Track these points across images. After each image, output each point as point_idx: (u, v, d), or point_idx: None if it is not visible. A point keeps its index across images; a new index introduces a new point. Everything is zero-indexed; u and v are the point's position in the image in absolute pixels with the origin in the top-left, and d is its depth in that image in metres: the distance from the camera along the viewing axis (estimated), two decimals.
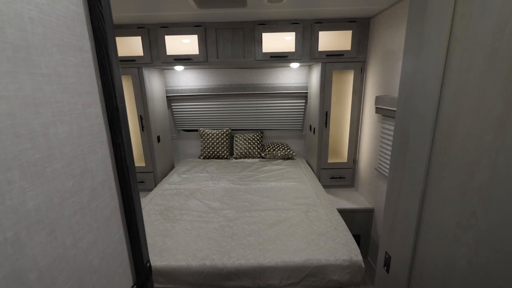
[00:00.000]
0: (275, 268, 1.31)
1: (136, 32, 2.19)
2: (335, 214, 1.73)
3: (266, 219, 1.69)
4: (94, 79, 0.55)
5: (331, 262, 1.32)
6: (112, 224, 0.59)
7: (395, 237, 0.66)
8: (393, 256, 0.68)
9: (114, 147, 0.61)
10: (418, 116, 0.56)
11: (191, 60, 2.26)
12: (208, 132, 2.98)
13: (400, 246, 0.64)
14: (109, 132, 0.60)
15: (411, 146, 0.59)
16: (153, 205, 1.93)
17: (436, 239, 0.53)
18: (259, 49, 2.23)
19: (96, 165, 0.54)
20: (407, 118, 0.61)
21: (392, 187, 0.69)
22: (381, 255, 0.74)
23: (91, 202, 0.52)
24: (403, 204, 0.62)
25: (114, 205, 0.61)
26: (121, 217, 0.64)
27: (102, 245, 0.56)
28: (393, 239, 0.67)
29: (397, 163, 0.65)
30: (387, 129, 1.86)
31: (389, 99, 1.78)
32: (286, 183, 2.25)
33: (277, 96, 2.91)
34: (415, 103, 0.57)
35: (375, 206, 2.14)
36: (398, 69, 1.75)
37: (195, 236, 1.53)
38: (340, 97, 2.55)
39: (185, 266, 1.31)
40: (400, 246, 0.64)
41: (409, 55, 0.63)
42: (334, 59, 2.24)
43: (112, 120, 0.60)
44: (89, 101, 0.53)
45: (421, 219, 0.56)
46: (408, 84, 0.61)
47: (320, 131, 2.42)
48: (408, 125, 0.60)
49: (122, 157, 0.62)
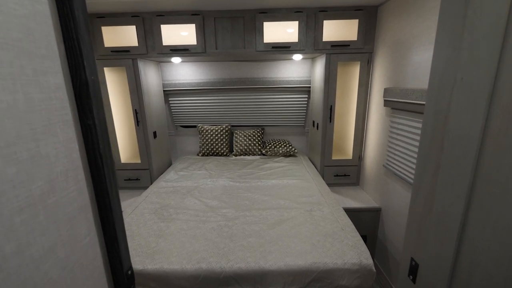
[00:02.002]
0: (277, 272, 1.20)
1: (131, 21, 2.07)
2: (341, 214, 1.62)
3: (268, 218, 1.58)
4: (54, 40, 0.43)
5: (339, 265, 1.21)
6: (79, 225, 0.48)
7: (426, 242, 0.55)
8: (422, 263, 0.57)
9: (83, 130, 0.50)
10: (463, 90, 0.44)
11: (188, 51, 2.14)
12: (207, 128, 2.87)
13: (433, 252, 0.53)
14: (75, 110, 0.49)
15: (452, 132, 0.47)
16: (148, 204, 1.82)
17: (492, 246, 0.41)
18: (260, 39, 2.11)
19: (55, 150, 0.43)
20: (442, 98, 0.50)
21: (420, 183, 0.57)
22: (405, 262, 0.63)
23: (46, 197, 0.41)
24: (440, 202, 0.51)
25: (83, 201, 0.49)
26: (93, 216, 0.52)
27: (64, 252, 0.44)
28: (422, 244, 0.56)
29: (427, 156, 0.54)
30: (397, 122, 1.74)
31: (399, 90, 1.66)
32: (288, 180, 2.14)
33: (279, 91, 2.79)
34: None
35: (383, 205, 2.02)
36: (409, 59, 1.64)
37: (191, 236, 1.42)
38: (345, 91, 2.43)
39: (179, 269, 1.20)
40: (433, 253, 0.53)
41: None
42: (340, 50, 2.12)
43: (80, 96, 0.49)
44: (44, 67, 0.41)
45: (467, 221, 0.45)
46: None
47: (324, 126, 2.31)
48: (448, 108, 0.48)
49: (94, 142, 0.51)
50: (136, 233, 1.47)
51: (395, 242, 1.85)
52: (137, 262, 1.23)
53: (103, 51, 2.12)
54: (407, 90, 1.57)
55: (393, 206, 1.86)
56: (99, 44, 2.11)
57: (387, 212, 1.95)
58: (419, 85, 1.53)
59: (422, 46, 1.51)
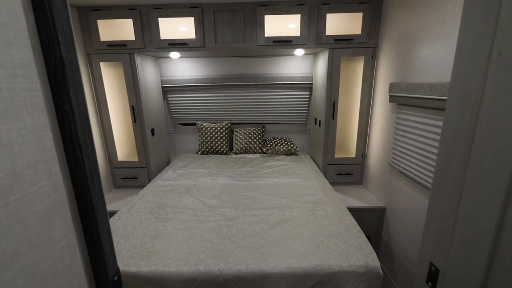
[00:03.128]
0: (279, 275, 1.13)
1: (127, 14, 2.01)
2: (345, 213, 1.55)
3: (269, 218, 1.51)
4: (20, 8, 0.37)
5: (344, 268, 1.14)
6: (53, 226, 0.41)
7: (450, 245, 0.48)
8: (443, 269, 0.50)
9: (59, 116, 0.43)
10: (501, 68, 0.38)
11: (187, 45, 2.07)
12: (206, 126, 2.80)
13: (459, 257, 0.46)
14: (49, 93, 0.42)
15: (487, 118, 0.41)
16: (144, 203, 1.75)
17: None
18: (261, 33, 2.04)
19: (21, 137, 0.36)
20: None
21: (442, 179, 0.51)
22: (423, 267, 0.56)
23: (8, 193, 0.34)
24: (469, 200, 0.45)
25: (58, 198, 0.43)
26: (72, 216, 0.46)
27: (33, 257, 0.38)
28: (444, 247, 0.49)
29: (452, 147, 0.47)
30: (403, 119, 1.67)
31: (406, 85, 1.59)
32: (290, 179, 2.07)
33: (280, 88, 2.73)
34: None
35: (387, 204, 1.95)
36: (416, 53, 1.57)
37: (188, 237, 1.35)
38: (348, 87, 2.36)
39: (175, 272, 1.13)
40: (459, 258, 0.46)
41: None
42: (343, 44, 2.05)
43: (55, 77, 0.42)
44: (6, 37, 0.35)
45: (505, 221, 0.38)
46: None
47: (327, 123, 2.24)
48: None
49: (72, 131, 0.44)
50: (131, 233, 1.40)
51: (400, 243, 1.78)
52: (131, 264, 1.16)
53: (99, 45, 2.06)
54: (415, 85, 1.51)
55: (399, 205, 1.80)
56: (95, 38, 2.04)
57: (392, 212, 1.89)
58: (427, 79, 1.47)
59: (430, 39, 1.44)
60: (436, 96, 1.32)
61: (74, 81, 0.44)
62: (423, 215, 1.53)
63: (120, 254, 1.23)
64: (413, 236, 1.63)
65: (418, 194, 1.57)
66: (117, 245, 1.29)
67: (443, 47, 1.34)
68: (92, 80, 2.16)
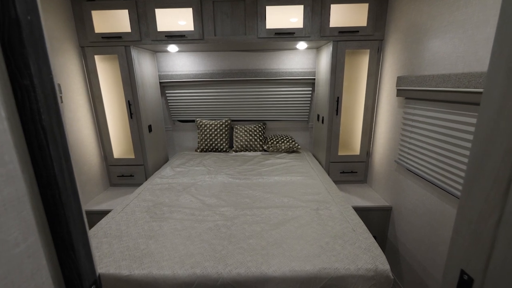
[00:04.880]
0: (281, 279, 1.05)
1: (123, 5, 1.92)
2: (351, 213, 1.47)
3: (270, 218, 1.43)
4: None
5: (351, 271, 1.06)
6: (7, 227, 0.33)
7: (489, 252, 0.40)
8: (480, 279, 0.43)
9: (16, 93, 0.35)
10: None
11: (185, 37, 1.99)
12: (205, 123, 2.72)
13: (503, 266, 0.38)
14: (2, 64, 0.34)
15: None
16: (140, 201, 1.68)
17: None
18: (262, 25, 1.96)
19: None
20: None
21: (478, 173, 0.43)
22: (452, 275, 0.48)
23: None
24: None
25: (14, 193, 0.35)
26: (34, 214, 0.38)
27: None
28: (481, 254, 0.41)
29: (493, 136, 0.40)
30: (412, 113, 1.59)
31: (415, 77, 1.51)
32: (292, 177, 1.99)
33: (282, 83, 2.64)
34: None
35: (394, 203, 1.87)
36: (426, 44, 1.49)
37: (185, 237, 1.28)
38: (352, 82, 2.28)
39: (170, 275, 1.05)
40: (503, 267, 0.38)
41: None
42: (348, 37, 1.97)
43: (10, 43, 0.34)
44: None
45: None
46: None
47: (330, 120, 2.16)
48: None
49: (33, 111, 0.36)
50: (124, 233, 1.32)
51: (407, 244, 1.70)
52: (123, 267, 1.08)
53: (93, 37, 1.98)
54: (425, 77, 1.42)
55: (406, 204, 1.72)
56: (89, 30, 1.96)
57: (399, 211, 1.81)
58: (439, 70, 1.38)
59: (442, 27, 1.36)
60: (449, 87, 1.24)
61: (36, 50, 0.36)
62: (433, 214, 1.45)
63: (111, 256, 1.15)
64: (422, 237, 1.55)
65: (428, 193, 1.49)
66: (109, 246, 1.22)
67: (457, 35, 1.26)
68: (86, 74, 2.08)
